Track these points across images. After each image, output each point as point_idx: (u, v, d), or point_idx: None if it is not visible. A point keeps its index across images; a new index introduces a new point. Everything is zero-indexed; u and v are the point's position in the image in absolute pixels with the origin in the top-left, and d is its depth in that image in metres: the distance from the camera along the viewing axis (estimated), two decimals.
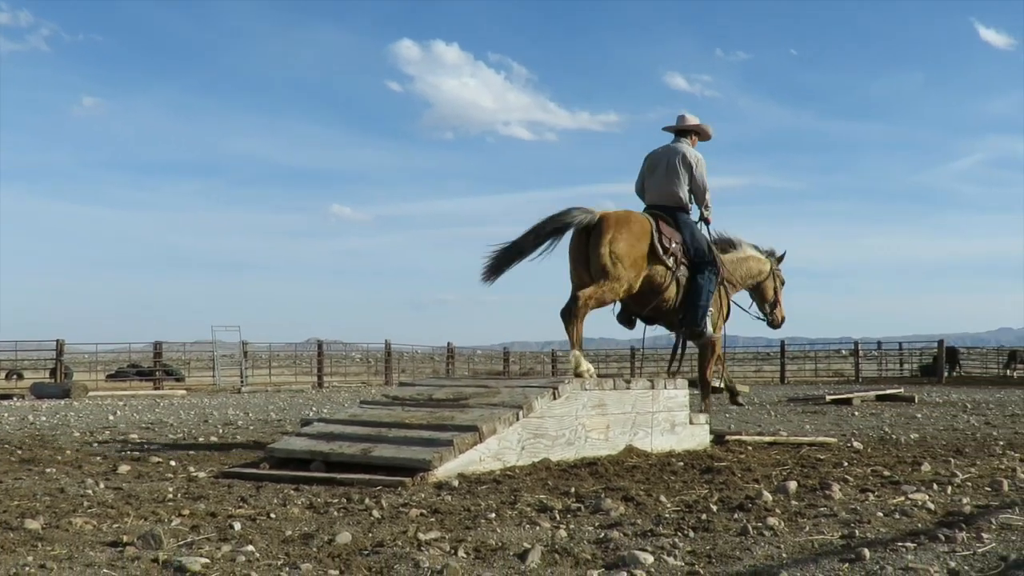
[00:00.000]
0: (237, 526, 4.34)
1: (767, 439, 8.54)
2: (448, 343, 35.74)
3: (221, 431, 10.60)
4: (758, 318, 9.59)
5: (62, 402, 18.79)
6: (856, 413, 13.90)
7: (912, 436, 9.45)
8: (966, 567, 3.51)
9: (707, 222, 8.63)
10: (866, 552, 3.64)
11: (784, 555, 3.75)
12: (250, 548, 3.83)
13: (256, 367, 32.33)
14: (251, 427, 11.29)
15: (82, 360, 32.20)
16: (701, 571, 3.48)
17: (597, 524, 4.45)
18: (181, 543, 3.99)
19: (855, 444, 8.38)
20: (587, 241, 7.71)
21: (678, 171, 8.29)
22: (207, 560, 3.60)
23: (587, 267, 7.70)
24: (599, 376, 7.49)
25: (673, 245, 8.00)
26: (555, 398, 6.80)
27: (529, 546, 3.82)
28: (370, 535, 4.16)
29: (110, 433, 10.33)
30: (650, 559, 3.59)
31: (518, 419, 6.49)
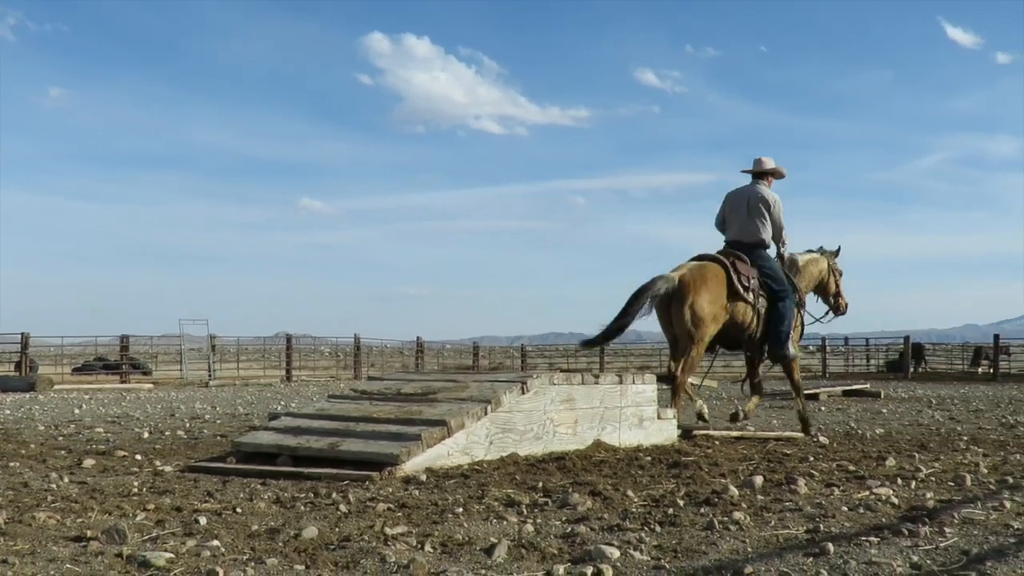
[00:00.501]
0: (203, 521, 4.32)
1: (734, 434, 8.59)
2: (417, 337, 35.64)
3: (188, 425, 10.53)
4: (820, 319, 10.12)
5: (27, 396, 18.60)
6: (823, 408, 14.01)
7: (877, 431, 9.54)
8: (928, 561, 3.55)
9: (783, 259, 9.23)
10: (830, 546, 3.68)
11: (749, 549, 3.77)
12: (215, 543, 3.81)
13: (224, 361, 32.15)
14: (218, 421, 11.23)
15: (48, 353, 31.91)
16: (667, 565, 3.50)
17: (564, 519, 4.46)
18: (146, 538, 3.97)
19: (821, 439, 8.45)
20: (670, 303, 8.46)
21: (758, 211, 8.94)
22: (172, 555, 3.58)
23: (671, 324, 8.51)
24: (567, 371, 7.51)
25: (751, 282, 8.66)
26: (523, 393, 6.81)
27: (496, 541, 3.83)
28: (337, 530, 4.15)
29: (75, 427, 10.24)
30: (616, 553, 3.61)
31: (486, 414, 6.50)
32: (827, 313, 10.07)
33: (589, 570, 3.38)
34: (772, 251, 9.13)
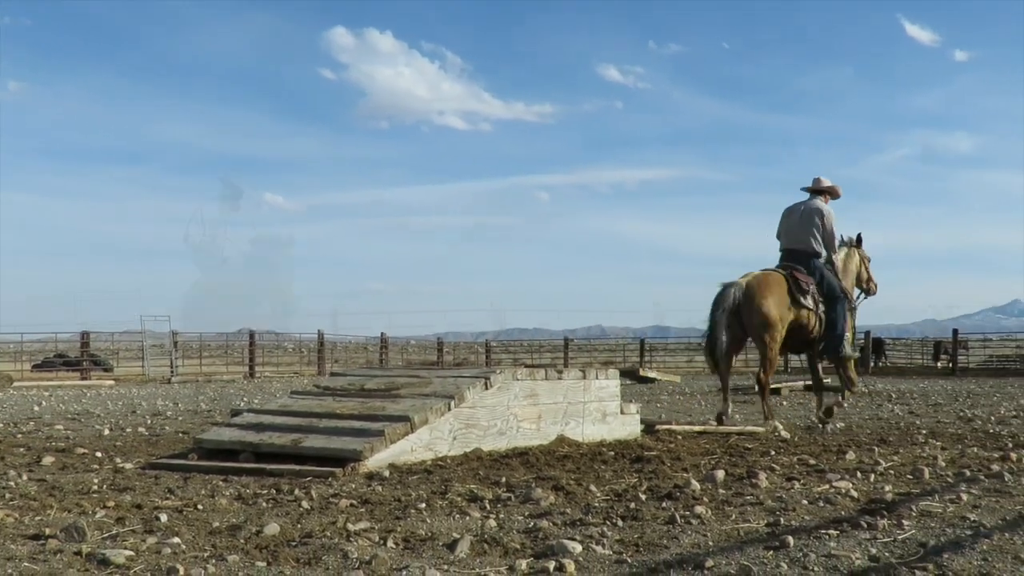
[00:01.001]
0: (163, 518, 4.29)
1: (697, 428, 8.64)
2: (382, 333, 35.51)
3: (149, 422, 10.44)
4: (854, 304, 10.28)
5: None
6: (784, 403, 14.10)
7: (838, 425, 9.62)
8: (886, 553, 3.59)
9: (833, 264, 9.80)
10: (790, 539, 3.71)
11: (710, 543, 3.80)
12: (176, 540, 3.78)
13: (187, 357, 31.84)
14: (180, 418, 11.14)
15: (7, 350, 31.45)
16: (629, 560, 3.52)
17: (527, 514, 4.47)
18: (105, 535, 3.93)
19: (783, 433, 8.52)
20: (739, 308, 9.07)
21: (812, 222, 9.62)
22: (132, 553, 3.55)
23: (740, 323, 9.12)
24: (531, 367, 7.53)
25: (811, 288, 9.35)
26: (487, 388, 6.81)
27: (458, 536, 3.83)
28: (299, 526, 4.13)
29: (35, 424, 10.12)
30: (578, 548, 3.62)
31: (450, 409, 6.50)
32: (859, 296, 10.41)
33: (551, 565, 3.39)
34: (823, 258, 9.64)
